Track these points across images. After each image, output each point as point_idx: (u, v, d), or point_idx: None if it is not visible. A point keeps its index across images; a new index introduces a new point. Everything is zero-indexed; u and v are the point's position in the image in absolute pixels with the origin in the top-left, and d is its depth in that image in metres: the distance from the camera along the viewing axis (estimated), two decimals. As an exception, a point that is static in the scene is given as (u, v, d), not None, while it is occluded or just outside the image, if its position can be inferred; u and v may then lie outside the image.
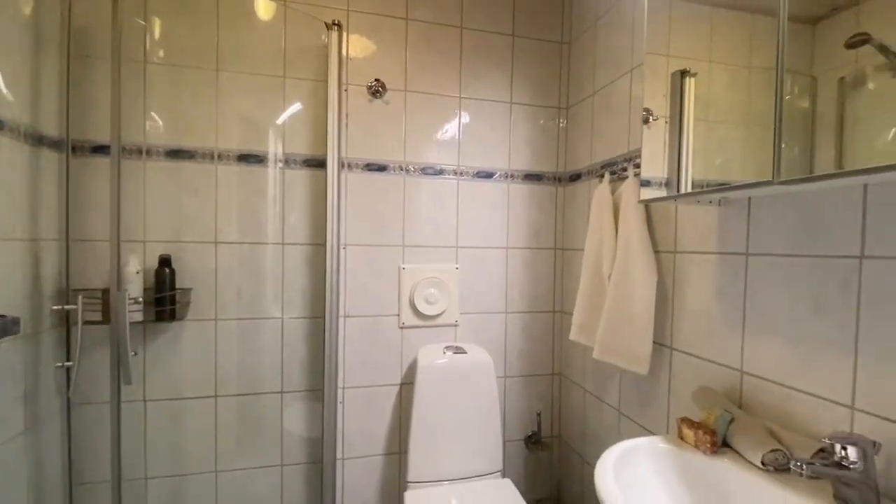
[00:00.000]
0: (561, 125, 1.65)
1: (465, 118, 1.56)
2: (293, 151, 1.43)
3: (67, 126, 1.21)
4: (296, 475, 1.45)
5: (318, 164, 1.42)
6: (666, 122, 0.96)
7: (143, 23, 1.29)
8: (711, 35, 0.90)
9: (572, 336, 1.37)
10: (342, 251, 1.45)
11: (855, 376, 0.70)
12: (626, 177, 1.23)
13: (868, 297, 0.68)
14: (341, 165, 1.43)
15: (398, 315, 1.51)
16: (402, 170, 1.50)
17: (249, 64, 1.37)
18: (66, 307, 1.18)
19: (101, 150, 1.26)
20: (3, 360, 1.03)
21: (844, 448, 0.62)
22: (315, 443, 1.45)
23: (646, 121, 1.03)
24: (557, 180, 1.66)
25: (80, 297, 1.15)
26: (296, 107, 1.44)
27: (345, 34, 1.44)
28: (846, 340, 0.71)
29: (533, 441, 1.62)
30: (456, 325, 1.56)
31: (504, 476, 1.43)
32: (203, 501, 1.37)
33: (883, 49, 0.57)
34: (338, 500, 1.46)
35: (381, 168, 1.49)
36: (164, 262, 1.28)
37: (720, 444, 0.82)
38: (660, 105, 0.97)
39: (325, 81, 1.34)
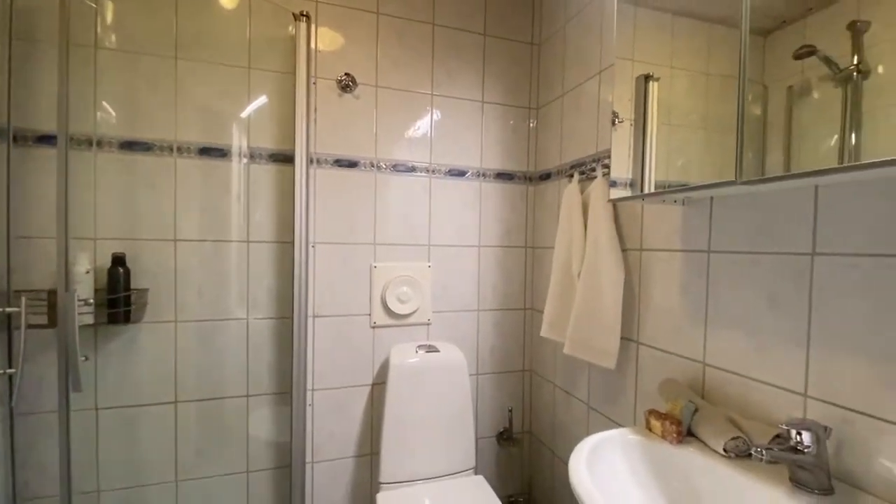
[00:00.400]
0: (531, 125, 1.67)
1: (437, 116, 1.55)
2: (259, 145, 1.38)
3: (9, 114, 1.11)
4: (263, 481, 1.40)
5: (285, 158, 1.38)
6: (631, 125, 0.99)
7: (93, 5, 1.21)
8: (673, 42, 0.93)
9: (543, 333, 1.39)
10: (311, 249, 1.41)
11: (807, 366, 0.74)
12: (595, 177, 1.26)
13: (819, 291, 0.72)
14: (310, 161, 1.40)
15: (370, 314, 1.49)
16: (373, 166, 1.48)
17: (211, 53, 1.31)
18: (8, 310, 1.08)
19: (46, 140, 1.17)
20: (-69, 369, 0.94)
21: (800, 433, 0.66)
22: (283, 447, 1.40)
23: (613, 123, 1.06)
24: (528, 179, 1.68)
25: (23, 299, 1.06)
26: (261, 100, 1.39)
27: (313, 26, 1.40)
28: (799, 332, 0.75)
29: (505, 437, 1.64)
30: (428, 324, 1.56)
31: (477, 473, 1.43)
32: (162, 513, 1.30)
33: (827, 60, 0.62)
34: (307, 503, 1.42)
35: (352, 164, 1.46)
36: (118, 260, 1.21)
37: (685, 434, 0.85)
38: (626, 108, 1.00)
39: (293, 74, 1.30)
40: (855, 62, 0.58)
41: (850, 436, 0.68)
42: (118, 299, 1.19)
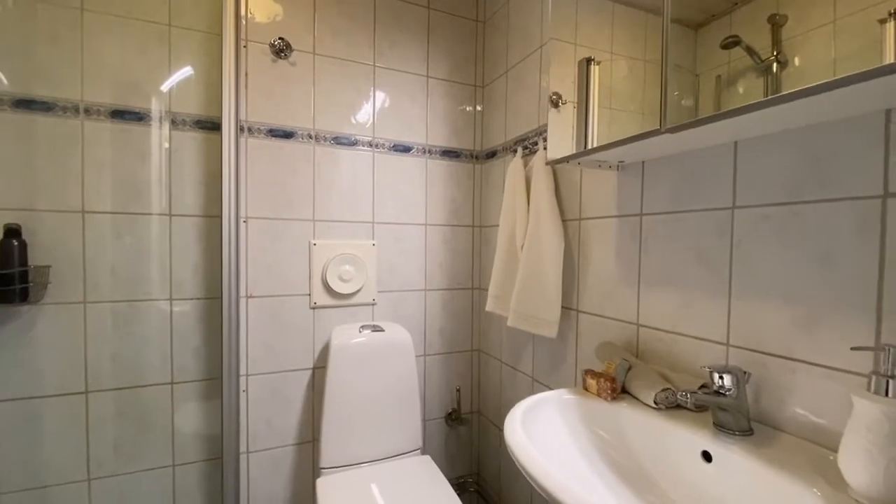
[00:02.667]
0: (478, 104, 1.66)
1: (380, 88, 1.50)
2: (182, 111, 1.26)
3: None
4: (192, 475, 1.29)
5: (213, 126, 1.28)
6: (574, 107, 0.99)
7: (-25, -61, 1.06)
8: (613, 27, 0.95)
9: (488, 307, 1.38)
10: (242, 224, 1.32)
11: (729, 316, 0.77)
12: (538, 150, 1.26)
13: (738, 243, 0.75)
14: (240, 129, 1.30)
15: (309, 294, 1.41)
16: (311, 138, 1.40)
17: (124, 5, 1.19)
18: None
19: (-86, 92, 1.01)
20: None
21: (721, 377, 0.68)
22: (213, 438, 1.30)
23: (556, 104, 1.06)
24: (475, 158, 1.66)
25: None
26: (186, 70, 1.27)
27: (244, -15, 1.30)
28: (721, 284, 0.78)
29: (453, 418, 1.62)
30: (373, 304, 1.50)
31: (424, 454, 1.40)
32: (71, 516, 1.17)
33: (749, 50, 0.65)
34: (242, 498, 1.33)
35: (288, 135, 1.37)
36: (12, 232, 1.06)
37: (620, 391, 0.86)
38: (568, 89, 1.00)
39: (220, 35, 1.20)
40: (774, 54, 0.61)
41: (766, 378, 0.71)
42: (11, 276, 1.05)
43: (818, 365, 0.65)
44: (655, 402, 0.79)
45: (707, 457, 0.68)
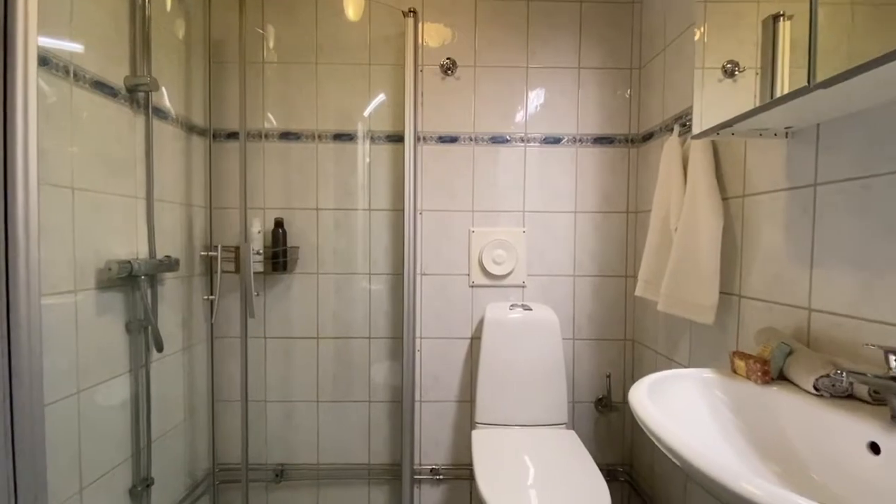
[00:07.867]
0: (632, 86, 1.62)
1: (532, 87, 1.62)
2: (378, 129, 1.63)
3: (209, 117, 1.55)
4: (381, 411, 1.66)
5: (399, 139, 1.60)
6: (757, 74, 0.92)
7: (260, 31, 1.60)
8: None
9: (638, 292, 1.36)
10: (419, 216, 1.62)
11: (927, 296, 0.64)
12: (696, 126, 1.19)
13: (941, 207, 0.63)
14: (417, 139, 1.60)
15: (468, 274, 1.63)
16: (471, 140, 1.62)
17: (341, 56, 1.61)
18: (210, 254, 1.52)
19: (233, 136, 1.59)
20: (170, 292, 1.38)
21: (897, 360, 0.59)
22: (396, 386, 1.64)
23: (731, 73, 1.01)
24: (630, 142, 1.63)
25: (219, 247, 1.48)
26: (380, 97, 1.63)
27: (420, 21, 1.60)
28: (918, 258, 0.65)
29: (603, 404, 1.62)
30: (523, 287, 1.64)
31: (569, 429, 1.47)
32: (307, 423, 1.65)
33: None
34: (416, 435, 1.63)
35: (453, 139, 1.62)
36: (279, 224, 1.57)
37: (775, 376, 0.80)
38: (748, 55, 0.93)
39: (403, 65, 1.52)
40: None
41: (976, 370, 0.58)
42: (278, 253, 1.55)
43: None
44: (816, 388, 0.71)
45: (875, 448, 0.60)
